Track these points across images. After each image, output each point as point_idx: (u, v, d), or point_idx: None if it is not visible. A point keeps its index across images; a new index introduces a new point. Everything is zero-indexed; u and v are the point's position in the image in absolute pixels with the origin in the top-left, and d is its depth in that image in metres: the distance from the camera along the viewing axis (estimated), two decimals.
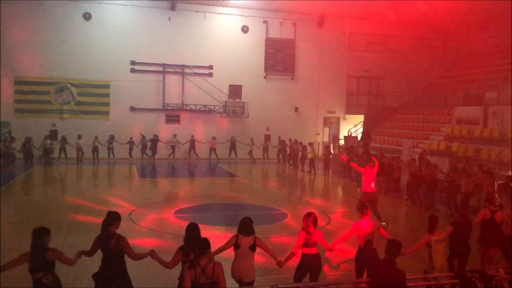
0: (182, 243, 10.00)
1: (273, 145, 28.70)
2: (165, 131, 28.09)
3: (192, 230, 6.24)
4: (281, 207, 14.67)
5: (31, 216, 12.94)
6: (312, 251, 6.95)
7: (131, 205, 14.34)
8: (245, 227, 6.58)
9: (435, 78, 31.41)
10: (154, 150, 27.07)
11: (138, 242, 10.49)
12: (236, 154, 28.09)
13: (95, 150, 25.78)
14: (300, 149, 25.72)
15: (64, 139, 25.27)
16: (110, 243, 6.17)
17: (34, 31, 25.95)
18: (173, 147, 27.57)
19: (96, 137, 25.97)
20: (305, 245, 6.94)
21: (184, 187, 19.23)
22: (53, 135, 26.11)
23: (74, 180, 20.91)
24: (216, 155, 27.62)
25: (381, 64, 31.28)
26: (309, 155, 24.19)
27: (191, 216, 13.18)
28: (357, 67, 31.40)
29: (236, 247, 6.48)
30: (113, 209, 13.29)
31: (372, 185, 12.11)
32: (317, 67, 30.57)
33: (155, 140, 27.10)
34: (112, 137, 26.30)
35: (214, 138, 28.12)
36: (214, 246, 5.95)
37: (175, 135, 27.64)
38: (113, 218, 6.40)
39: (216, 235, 10.98)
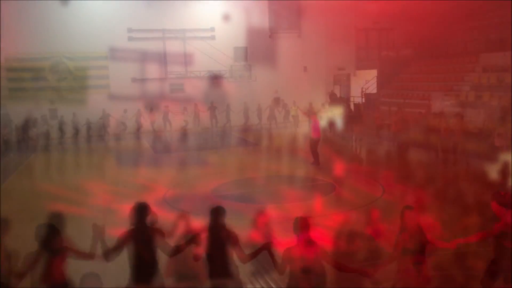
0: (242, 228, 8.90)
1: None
2: (169, 101, 26.58)
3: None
4: (323, 177, 13.58)
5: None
6: None
7: (160, 186, 13.16)
8: None
9: (450, 24, 29.78)
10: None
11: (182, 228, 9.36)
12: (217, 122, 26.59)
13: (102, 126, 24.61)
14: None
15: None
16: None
17: (22, 5, 23.84)
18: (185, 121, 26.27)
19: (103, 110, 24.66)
20: None
21: (207, 160, 17.99)
22: (53, 114, 24.57)
23: (92, 161, 19.53)
24: (199, 122, 26.42)
25: (390, 13, 29.58)
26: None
27: (234, 195, 12.07)
28: (366, 18, 29.73)
29: None
30: (143, 193, 12.32)
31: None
32: (323, 22, 28.86)
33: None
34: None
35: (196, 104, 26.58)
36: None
37: (185, 108, 26.28)
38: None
39: (281, 215, 9.94)
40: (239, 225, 9.40)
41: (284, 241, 6.95)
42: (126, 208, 6.10)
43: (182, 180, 14.08)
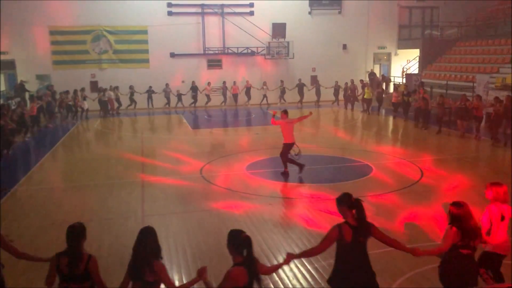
0: (266, 205, 8.90)
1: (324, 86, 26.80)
2: (207, 77, 26.70)
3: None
4: (359, 158, 13.42)
5: (95, 175, 12.09)
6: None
7: (197, 161, 13.35)
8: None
9: (499, 2, 28.39)
10: (195, 98, 25.96)
11: (223, 205, 9.53)
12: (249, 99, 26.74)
13: (132, 99, 24.96)
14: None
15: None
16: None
17: None
18: (224, 95, 26.47)
19: (132, 87, 25.00)
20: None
21: (243, 138, 18.07)
22: (94, 86, 25.20)
23: (128, 134, 19.98)
24: (237, 101, 26.58)
25: None
26: (366, 96, 22.81)
27: (267, 172, 12.13)
28: None
29: None
30: (181, 166, 12.53)
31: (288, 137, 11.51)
32: None
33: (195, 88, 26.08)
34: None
35: (235, 82, 26.75)
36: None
37: (224, 82, 26.43)
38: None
39: (307, 194, 9.96)
40: (274, 202, 9.59)
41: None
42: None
43: (216, 155, 14.21)
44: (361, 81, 25.64)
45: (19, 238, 7.54)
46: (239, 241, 4.05)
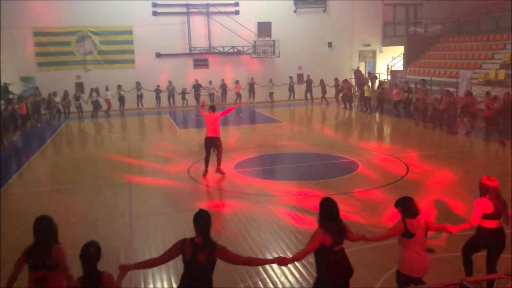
0: (254, 203, 8.98)
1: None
2: (193, 77, 26.64)
3: None
4: (346, 155, 13.53)
5: (84, 176, 12.04)
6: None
7: (185, 160, 13.35)
8: (409, 206, 4.87)
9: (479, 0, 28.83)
10: (198, 97, 25.93)
11: (211, 204, 9.57)
12: (254, 97, 26.84)
13: (121, 100, 24.73)
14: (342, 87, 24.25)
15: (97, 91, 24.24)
16: None
17: None
18: (211, 94, 26.34)
19: (120, 86, 24.78)
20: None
21: (230, 137, 18.07)
22: (79, 87, 25.02)
23: (117, 135, 19.87)
24: (240, 99, 26.22)
25: None
26: (366, 94, 22.06)
27: (255, 171, 12.19)
28: None
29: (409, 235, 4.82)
30: (168, 166, 12.52)
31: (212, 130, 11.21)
32: None
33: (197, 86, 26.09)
34: (138, 84, 25.17)
35: (238, 82, 26.69)
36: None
37: (210, 82, 26.37)
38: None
39: (294, 191, 10.02)
40: (262, 200, 9.64)
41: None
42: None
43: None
44: (358, 78, 25.43)
45: (4, 242, 7.50)
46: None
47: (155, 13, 25.82)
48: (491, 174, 5.61)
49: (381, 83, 24.27)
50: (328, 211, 4.63)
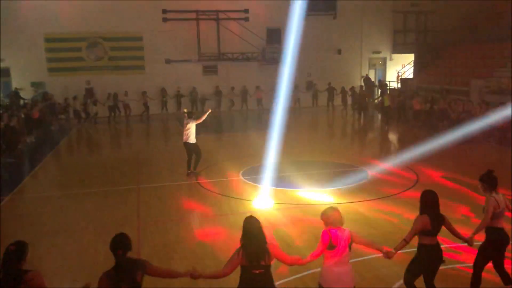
0: (262, 211, 8.86)
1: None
2: (203, 83, 26.73)
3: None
4: (355, 163, 13.43)
5: (92, 181, 12.06)
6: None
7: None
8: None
9: (493, 6, 28.52)
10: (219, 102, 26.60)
11: (218, 211, 9.51)
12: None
13: (146, 106, 25.12)
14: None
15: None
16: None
17: None
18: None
19: (145, 93, 25.18)
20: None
21: (240, 143, 18.06)
22: (89, 93, 25.20)
23: (129, 140, 19.96)
24: (262, 105, 26.34)
25: None
26: (386, 104, 20.85)
27: (261, 178, 12.09)
28: (404, 1, 28.86)
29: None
30: (176, 172, 12.50)
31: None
32: (360, 3, 28.19)
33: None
34: (164, 90, 25.76)
35: (259, 87, 26.87)
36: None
37: (232, 88, 26.95)
38: None
39: (310, 200, 9.92)
40: (271, 208, 9.56)
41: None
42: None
43: (212, 161, 14.19)
44: (376, 86, 25.13)
45: None
46: None
47: (165, 20, 25.95)
48: None
49: (393, 91, 24.07)
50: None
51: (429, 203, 5.15)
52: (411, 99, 20.58)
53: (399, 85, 24.82)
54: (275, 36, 27.22)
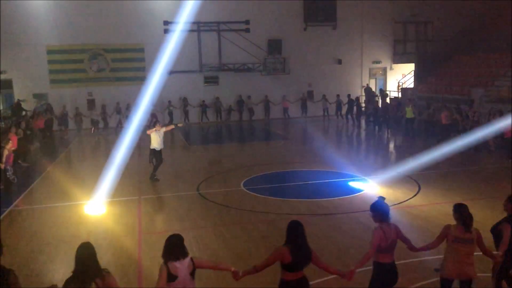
0: (263, 222, 8.85)
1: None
2: (204, 94, 26.84)
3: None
4: (356, 172, 13.42)
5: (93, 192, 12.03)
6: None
7: (195, 177, 13.31)
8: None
9: (493, 16, 28.67)
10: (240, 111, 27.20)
11: (220, 222, 9.48)
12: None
13: (170, 115, 25.75)
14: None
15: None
16: None
17: None
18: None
19: (170, 102, 25.92)
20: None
21: (245, 153, 18.05)
22: (91, 104, 25.31)
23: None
24: (288, 115, 26.99)
25: (429, 6, 28.80)
26: (408, 115, 19.97)
27: (262, 188, 12.09)
28: (403, 11, 29.03)
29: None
30: (178, 182, 12.51)
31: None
32: (360, 14, 28.39)
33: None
34: (185, 100, 26.32)
35: (285, 97, 27.50)
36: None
37: (249, 97, 27.38)
38: None
39: (313, 210, 9.89)
40: (270, 219, 9.54)
41: None
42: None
43: (214, 172, 14.19)
44: (395, 98, 24.89)
45: (14, 258, 7.48)
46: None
47: (166, 31, 26.10)
48: None
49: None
50: None
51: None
52: (439, 112, 18.93)
53: (399, 94, 24.85)
54: (276, 47, 27.39)
